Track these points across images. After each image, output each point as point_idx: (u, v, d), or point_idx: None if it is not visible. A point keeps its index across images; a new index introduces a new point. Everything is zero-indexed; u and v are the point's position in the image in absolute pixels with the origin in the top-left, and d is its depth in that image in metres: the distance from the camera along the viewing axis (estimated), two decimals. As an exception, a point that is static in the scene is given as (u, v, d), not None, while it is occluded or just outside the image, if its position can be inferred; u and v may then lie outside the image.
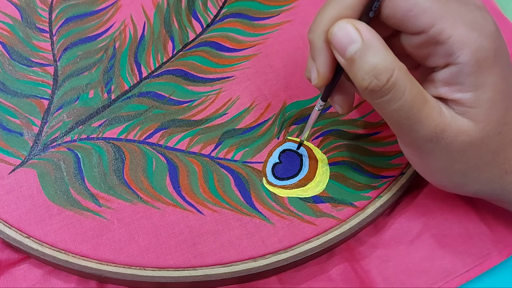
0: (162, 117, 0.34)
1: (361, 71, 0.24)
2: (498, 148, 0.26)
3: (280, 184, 0.32)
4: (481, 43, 0.24)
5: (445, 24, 0.24)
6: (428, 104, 0.25)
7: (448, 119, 0.25)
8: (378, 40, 0.24)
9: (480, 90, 0.25)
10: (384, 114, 0.25)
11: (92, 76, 0.36)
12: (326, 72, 0.27)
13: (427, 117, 0.24)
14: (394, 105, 0.24)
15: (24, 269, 0.30)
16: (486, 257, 0.31)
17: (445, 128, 0.25)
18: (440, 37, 0.24)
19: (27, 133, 0.33)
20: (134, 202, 0.31)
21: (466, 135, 0.25)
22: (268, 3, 0.40)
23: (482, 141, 0.25)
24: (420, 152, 0.26)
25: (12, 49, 0.36)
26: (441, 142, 0.25)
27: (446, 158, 0.26)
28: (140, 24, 0.38)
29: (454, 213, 0.32)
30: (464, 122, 0.25)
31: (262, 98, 0.35)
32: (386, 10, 0.25)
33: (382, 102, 0.24)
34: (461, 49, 0.24)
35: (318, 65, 0.27)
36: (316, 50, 0.26)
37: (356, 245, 0.32)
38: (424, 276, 0.30)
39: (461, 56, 0.24)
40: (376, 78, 0.24)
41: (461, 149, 0.25)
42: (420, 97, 0.24)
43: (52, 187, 0.31)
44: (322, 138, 0.34)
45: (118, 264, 0.29)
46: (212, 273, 0.29)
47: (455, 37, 0.24)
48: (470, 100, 0.25)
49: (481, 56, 0.24)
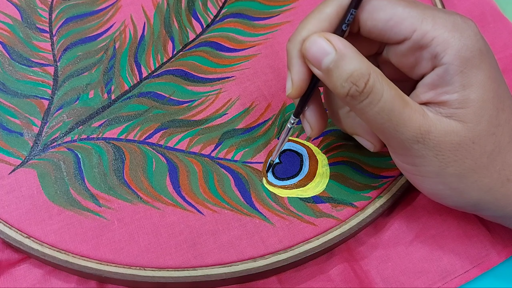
0: (162, 117, 0.34)
1: (339, 79, 0.25)
2: (494, 151, 0.26)
3: (280, 184, 0.32)
4: (464, 42, 0.24)
5: (427, 27, 0.25)
6: (409, 107, 0.25)
7: (432, 121, 0.25)
8: (350, 49, 0.25)
9: (467, 89, 0.25)
10: (367, 120, 0.26)
11: (92, 76, 0.36)
12: (300, 81, 0.27)
13: (410, 119, 0.25)
14: (374, 107, 0.25)
15: (24, 269, 0.30)
16: (484, 258, 0.31)
17: (430, 129, 0.25)
18: (424, 40, 0.25)
19: (27, 133, 0.33)
20: (134, 202, 0.31)
21: (455, 135, 0.25)
22: (268, 3, 0.40)
23: (473, 141, 0.25)
24: (411, 157, 0.26)
25: (12, 49, 0.36)
26: (428, 142, 0.25)
27: (437, 159, 0.26)
28: (140, 25, 0.38)
29: (453, 214, 0.32)
30: (452, 123, 0.25)
31: (262, 98, 0.36)
32: (367, 23, 0.26)
33: (363, 106, 0.25)
34: (445, 49, 0.24)
35: (293, 74, 0.27)
36: (292, 59, 0.27)
37: (355, 245, 0.32)
38: (423, 276, 0.31)
39: (445, 56, 0.24)
40: (354, 84, 0.24)
41: (451, 149, 0.25)
42: (399, 99, 0.25)
43: (52, 187, 0.31)
44: (322, 138, 0.34)
45: (118, 264, 0.29)
46: (212, 273, 0.29)
47: (438, 38, 0.24)
48: (458, 101, 0.25)
49: (466, 55, 0.24)
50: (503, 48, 0.40)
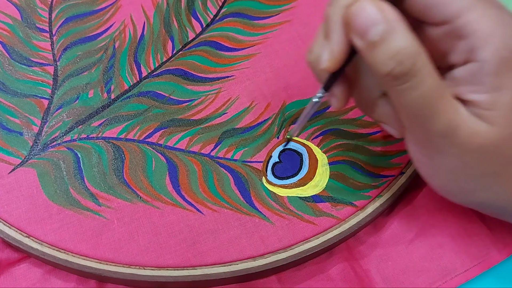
0: (161, 117, 0.34)
1: (384, 55, 0.22)
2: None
3: (280, 183, 0.32)
4: (506, 41, 0.23)
5: (472, 16, 0.23)
6: (446, 98, 0.23)
7: (463, 117, 0.23)
8: (402, 23, 0.22)
9: (499, 91, 0.23)
10: (402, 104, 0.24)
11: (92, 76, 0.36)
12: (341, 52, 0.24)
13: (443, 111, 0.23)
14: (415, 92, 0.23)
15: (24, 268, 0.30)
16: (485, 256, 0.31)
17: (460, 124, 0.23)
18: (464, 29, 0.23)
19: (27, 133, 0.33)
20: (134, 201, 0.31)
21: (482, 137, 0.24)
22: (268, 2, 0.40)
23: (498, 146, 0.24)
24: (431, 150, 0.25)
25: (12, 49, 0.36)
26: (455, 139, 0.24)
27: (458, 158, 0.24)
28: (139, 24, 0.38)
29: (453, 212, 0.32)
30: (480, 124, 0.24)
31: (261, 97, 0.35)
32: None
33: (402, 89, 0.23)
34: (484, 45, 0.23)
35: (333, 43, 0.24)
36: (333, 25, 0.24)
37: (355, 245, 0.32)
38: (423, 275, 0.30)
39: (483, 52, 0.23)
40: (400, 64, 0.22)
41: (475, 150, 0.24)
42: (439, 88, 0.23)
43: (51, 187, 0.31)
44: (321, 137, 0.34)
45: (117, 263, 0.29)
46: (212, 273, 0.29)
47: (481, 31, 0.23)
48: (487, 102, 0.23)
49: (505, 55, 0.23)
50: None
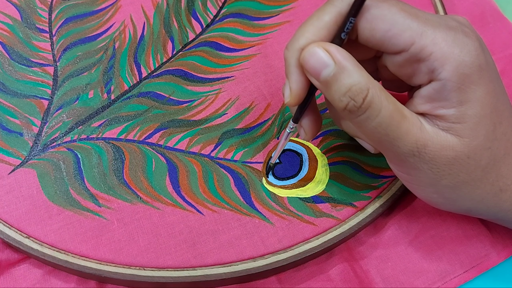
0: (161, 117, 0.34)
1: (338, 92, 0.24)
2: (488, 164, 0.26)
3: (280, 184, 0.32)
4: (463, 59, 0.24)
5: (426, 41, 0.24)
6: (406, 120, 0.25)
7: (429, 134, 0.25)
8: (350, 61, 0.24)
9: (464, 105, 0.24)
10: (365, 133, 0.26)
11: (92, 76, 0.36)
12: (299, 90, 0.26)
13: (407, 133, 0.25)
14: (372, 122, 0.24)
15: (24, 269, 0.30)
16: (484, 258, 0.31)
17: (427, 143, 0.25)
18: (421, 54, 0.24)
19: (27, 133, 0.33)
20: (134, 202, 0.31)
21: (451, 150, 0.25)
22: (268, 3, 0.40)
23: (469, 157, 0.25)
24: (406, 167, 0.26)
25: (12, 49, 0.36)
26: (424, 156, 0.25)
27: (432, 172, 0.26)
28: (139, 25, 0.38)
29: (453, 214, 0.32)
30: (448, 137, 0.25)
31: (261, 98, 0.36)
32: (365, 32, 0.25)
33: (360, 120, 0.25)
34: (443, 65, 0.24)
35: (291, 83, 0.26)
36: (290, 68, 0.26)
37: (355, 245, 0.32)
38: (422, 276, 0.30)
39: (443, 72, 0.24)
40: (352, 99, 0.24)
41: (446, 163, 0.25)
42: (397, 114, 0.24)
43: (52, 187, 0.31)
44: (322, 138, 0.34)
45: (117, 264, 0.29)
46: (212, 273, 0.29)
47: (436, 53, 0.24)
48: (454, 116, 0.25)
49: (464, 72, 0.24)
50: (502, 48, 0.40)
